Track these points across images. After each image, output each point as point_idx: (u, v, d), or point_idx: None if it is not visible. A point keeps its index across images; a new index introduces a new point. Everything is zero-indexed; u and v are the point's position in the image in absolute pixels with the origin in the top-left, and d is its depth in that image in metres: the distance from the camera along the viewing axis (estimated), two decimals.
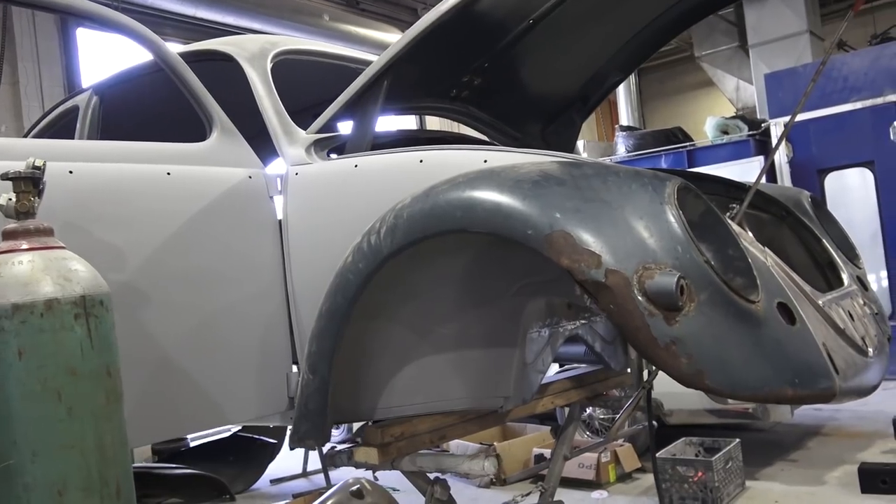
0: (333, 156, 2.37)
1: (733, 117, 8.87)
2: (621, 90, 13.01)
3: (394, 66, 2.22)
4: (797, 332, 1.70)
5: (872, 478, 1.81)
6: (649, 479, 5.14)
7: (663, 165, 8.84)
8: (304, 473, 6.59)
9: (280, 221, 2.29)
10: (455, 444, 6.09)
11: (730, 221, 1.84)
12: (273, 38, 2.73)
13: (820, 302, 1.90)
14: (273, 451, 6.57)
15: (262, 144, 2.51)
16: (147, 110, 3.15)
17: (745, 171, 8.17)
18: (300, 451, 6.49)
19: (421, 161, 2.09)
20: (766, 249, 1.89)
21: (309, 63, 2.94)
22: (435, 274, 2.16)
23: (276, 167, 2.47)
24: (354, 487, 4.88)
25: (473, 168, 1.87)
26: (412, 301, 2.19)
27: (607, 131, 14.44)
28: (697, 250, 1.57)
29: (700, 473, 4.77)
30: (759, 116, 10.43)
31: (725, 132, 8.71)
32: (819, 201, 2.76)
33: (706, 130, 8.89)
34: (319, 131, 2.36)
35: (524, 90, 2.98)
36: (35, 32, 7.75)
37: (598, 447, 2.99)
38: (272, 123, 2.39)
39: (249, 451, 6.48)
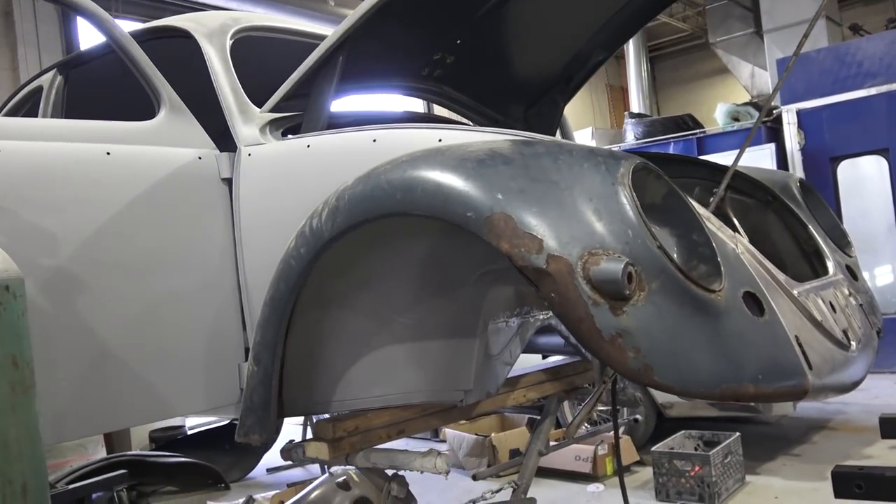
0: (291, 136, 2.26)
1: (745, 104, 8.67)
2: (632, 77, 12.81)
3: (349, 40, 2.10)
4: (764, 325, 1.57)
5: (846, 482, 1.69)
6: (648, 472, 5.04)
7: (671, 152, 8.65)
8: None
9: (232, 204, 2.19)
10: (452, 435, 6.01)
11: (694, 203, 1.71)
12: (236, 14, 2.61)
13: (795, 292, 1.76)
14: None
15: None
16: (117, 88, 3.05)
17: (756, 158, 7.99)
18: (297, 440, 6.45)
19: (374, 140, 1.97)
20: (737, 235, 1.75)
21: (282, 42, 2.82)
22: (392, 260, 2.05)
23: None
24: (341, 479, 4.80)
25: (426, 147, 1.76)
26: (368, 289, 2.08)
27: (618, 119, 14.23)
28: (650, 235, 1.44)
29: (697, 468, 4.64)
30: (774, 103, 10.20)
31: (736, 119, 8.51)
32: (809, 186, 2.61)
33: (716, 117, 8.69)
34: (276, 110, 2.25)
35: (502, 70, 2.84)
36: (35, 17, 7.70)
37: (568, 444, 2.86)
38: (227, 102, 2.28)
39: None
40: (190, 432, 6.99)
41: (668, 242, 1.63)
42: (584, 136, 10.21)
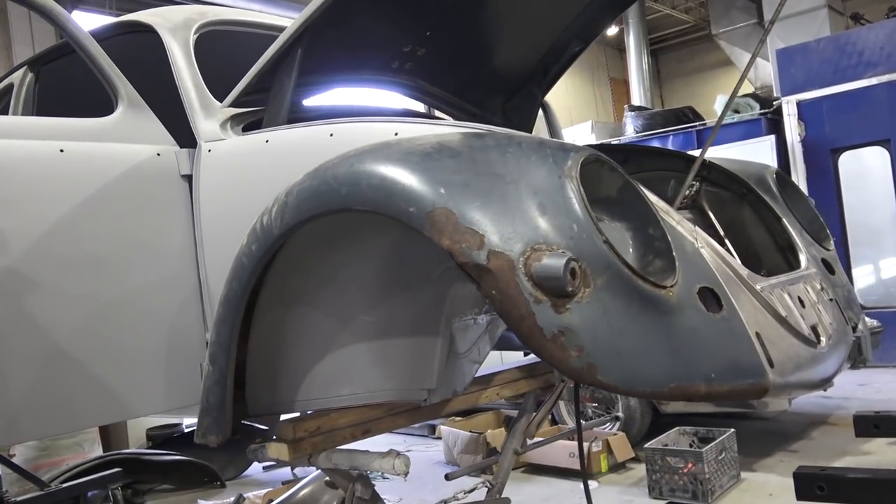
0: (252, 132, 2.22)
1: (745, 95, 8.56)
2: (633, 70, 12.71)
3: (307, 33, 2.06)
4: (721, 321, 1.52)
5: (808, 483, 1.64)
6: (643, 469, 4.98)
7: (670, 146, 8.58)
8: None
9: (192, 201, 2.15)
10: (447, 431, 5.98)
11: (652, 196, 1.66)
12: (203, 8, 2.57)
13: (758, 287, 1.71)
14: (266, 437, 6.42)
15: None
16: (91, 85, 3.02)
17: (756, 150, 7.91)
18: None
19: (331, 135, 1.93)
20: (697, 229, 1.70)
21: (253, 37, 2.78)
22: (354, 257, 2.01)
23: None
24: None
25: (376, 141, 1.71)
26: (331, 286, 2.04)
27: (621, 112, 14.13)
28: (596, 229, 1.40)
29: (690, 465, 4.59)
30: (775, 94, 10.10)
31: (736, 111, 8.41)
32: (786, 178, 2.54)
33: (716, 109, 8.60)
34: (236, 105, 2.22)
35: (477, 63, 2.79)
36: (29, 15, 7.68)
37: (544, 444, 2.82)
38: (189, 97, 2.24)
39: (241, 438, 6.41)
40: (187, 430, 6.98)
41: (623, 236, 1.58)
42: (583, 130, 10.14)
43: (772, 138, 7.95)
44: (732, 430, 4.93)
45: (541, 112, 3.56)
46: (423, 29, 2.49)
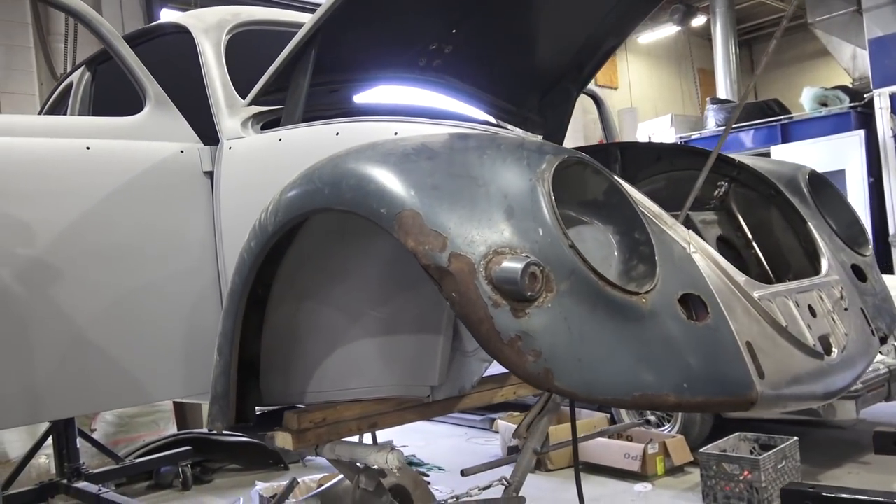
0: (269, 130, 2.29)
1: (834, 88, 8.14)
2: (720, 61, 12.28)
3: (321, 33, 2.10)
4: (704, 329, 1.47)
5: (796, 501, 1.56)
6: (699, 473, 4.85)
7: (751, 140, 8.27)
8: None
9: (213, 197, 2.24)
10: (503, 426, 5.98)
11: (637, 197, 1.63)
12: (238, 9, 2.66)
13: (756, 295, 1.64)
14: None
15: None
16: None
17: (844, 145, 7.53)
18: None
19: (337, 133, 1.98)
20: (692, 233, 1.65)
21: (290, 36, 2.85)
22: (363, 253, 2.05)
23: None
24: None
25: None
26: (340, 281, 2.09)
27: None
28: (562, 234, 1.38)
29: (746, 472, 4.43)
30: (872, 87, 9.56)
31: (824, 104, 8.02)
32: (822, 179, 2.41)
33: (802, 102, 8.22)
34: (258, 104, 2.28)
35: (508, 60, 2.77)
36: (122, 14, 8.08)
37: (557, 448, 2.79)
38: (216, 95, 2.33)
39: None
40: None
41: (607, 240, 1.56)
42: (663, 123, 9.87)
43: (861, 133, 7.55)
44: (795, 438, 4.72)
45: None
46: (448, 26, 2.49)
